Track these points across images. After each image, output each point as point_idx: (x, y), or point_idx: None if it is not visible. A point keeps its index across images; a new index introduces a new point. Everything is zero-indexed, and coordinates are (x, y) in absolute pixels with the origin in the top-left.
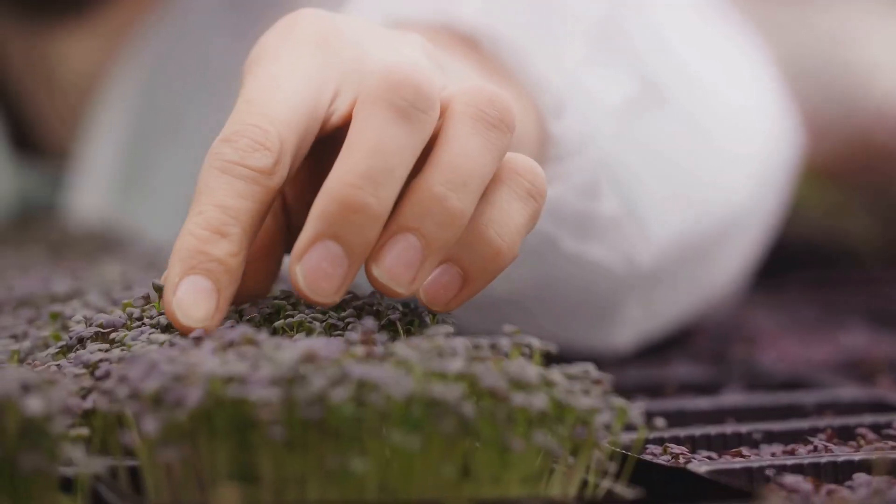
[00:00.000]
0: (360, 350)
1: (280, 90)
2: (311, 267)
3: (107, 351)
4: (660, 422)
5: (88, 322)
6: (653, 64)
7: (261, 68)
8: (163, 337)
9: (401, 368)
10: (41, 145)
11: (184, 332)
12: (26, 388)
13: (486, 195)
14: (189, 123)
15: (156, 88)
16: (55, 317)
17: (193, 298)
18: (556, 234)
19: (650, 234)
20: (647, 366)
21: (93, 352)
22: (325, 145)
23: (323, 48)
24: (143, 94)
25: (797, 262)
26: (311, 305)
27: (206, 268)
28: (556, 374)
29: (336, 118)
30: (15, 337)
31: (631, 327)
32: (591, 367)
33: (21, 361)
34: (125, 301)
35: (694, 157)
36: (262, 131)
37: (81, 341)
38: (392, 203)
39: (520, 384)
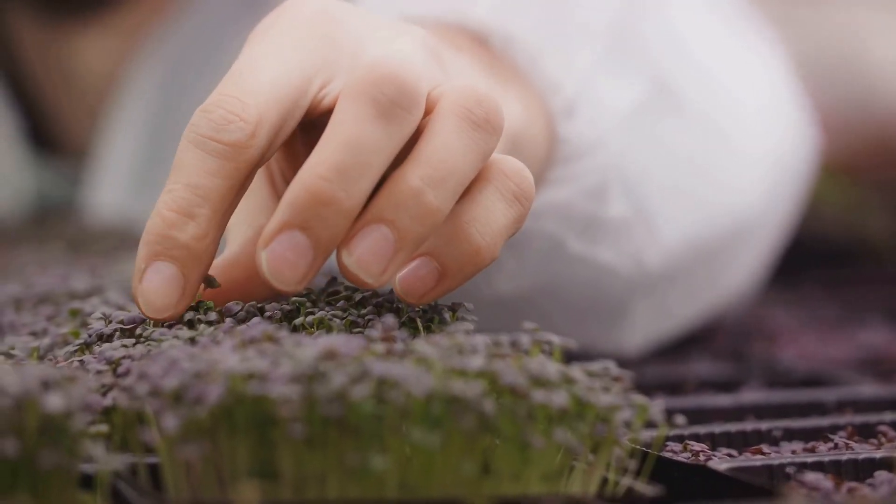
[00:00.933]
0: (380, 347)
1: (265, 65)
2: (276, 255)
3: (131, 347)
4: (680, 419)
5: (108, 319)
6: (666, 65)
7: (251, 45)
8: (188, 333)
9: (421, 366)
10: (59, 143)
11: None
12: (46, 385)
13: (471, 193)
14: None
15: (173, 86)
16: (75, 314)
17: (157, 287)
18: (563, 236)
19: (659, 237)
20: (667, 363)
21: (116, 348)
22: (319, 131)
23: (318, 31)
24: (161, 92)
25: (816, 260)
26: (331, 303)
27: (171, 254)
28: (576, 371)
29: (326, 103)
30: (35, 334)
31: (640, 330)
32: (611, 365)
33: (41, 358)
34: None
35: (707, 158)
36: (240, 103)
37: (101, 338)
38: (364, 198)
39: (540, 381)
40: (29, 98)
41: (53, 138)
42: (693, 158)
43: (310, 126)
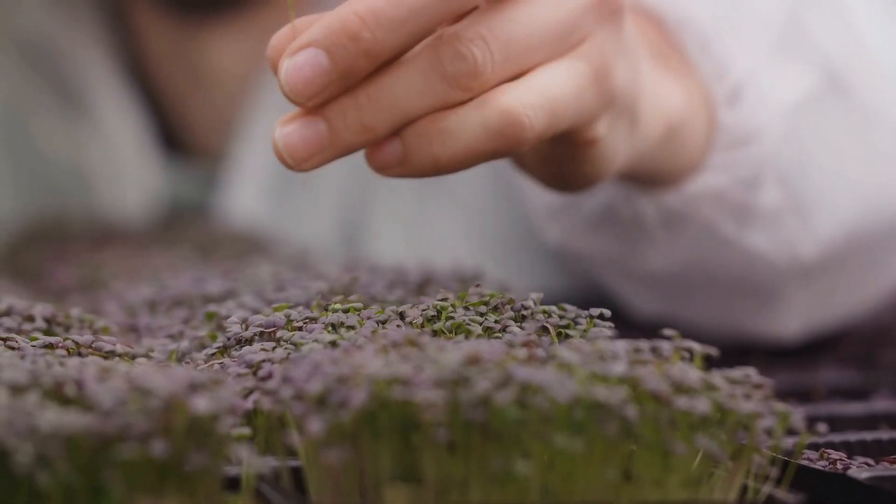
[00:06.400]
0: (522, 352)
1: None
2: (296, 66)
3: (270, 351)
4: (822, 427)
5: (245, 323)
6: (837, 54)
7: None
8: (329, 336)
9: (563, 371)
10: (191, 146)
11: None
12: (193, 388)
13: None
14: None
15: None
16: (211, 317)
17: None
18: (715, 220)
19: (815, 227)
20: (795, 370)
21: (255, 351)
22: None
23: None
24: None
25: None
26: (469, 307)
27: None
28: (717, 377)
29: None
30: (172, 336)
31: (797, 317)
32: (752, 372)
33: (179, 361)
34: (277, 304)
35: (872, 148)
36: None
37: (240, 342)
38: (392, 51)
39: (682, 388)
40: (161, 100)
41: (186, 141)
42: (859, 145)
43: None
